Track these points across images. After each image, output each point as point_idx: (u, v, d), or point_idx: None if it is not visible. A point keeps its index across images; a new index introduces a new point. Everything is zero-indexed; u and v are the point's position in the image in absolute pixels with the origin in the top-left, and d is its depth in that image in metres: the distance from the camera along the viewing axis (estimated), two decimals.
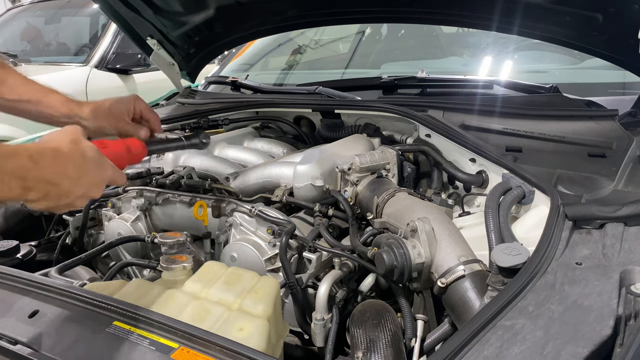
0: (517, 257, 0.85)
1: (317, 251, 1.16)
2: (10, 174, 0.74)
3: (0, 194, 0.73)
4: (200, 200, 1.34)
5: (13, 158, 0.74)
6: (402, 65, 2.59)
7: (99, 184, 0.88)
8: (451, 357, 0.67)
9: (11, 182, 0.74)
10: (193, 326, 0.76)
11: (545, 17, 1.53)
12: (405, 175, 1.39)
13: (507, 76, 2.02)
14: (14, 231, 1.62)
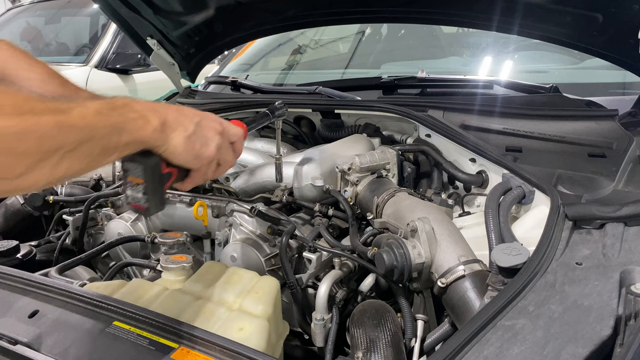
0: (517, 257, 0.85)
1: (317, 251, 1.16)
2: (145, 108, 0.76)
3: (143, 129, 0.75)
4: (200, 200, 1.34)
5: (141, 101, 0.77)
6: (402, 65, 2.59)
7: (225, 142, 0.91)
8: (451, 357, 0.67)
9: (149, 115, 0.76)
10: (193, 326, 0.76)
11: (545, 17, 1.53)
12: (405, 175, 1.39)
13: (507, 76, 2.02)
14: (14, 231, 1.62)
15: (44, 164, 0.61)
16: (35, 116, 0.60)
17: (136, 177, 0.82)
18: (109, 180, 1.70)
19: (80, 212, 1.52)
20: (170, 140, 0.81)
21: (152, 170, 0.83)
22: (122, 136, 0.72)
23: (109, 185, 1.68)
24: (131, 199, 0.85)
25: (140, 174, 0.82)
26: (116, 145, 0.72)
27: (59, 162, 0.63)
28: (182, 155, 0.83)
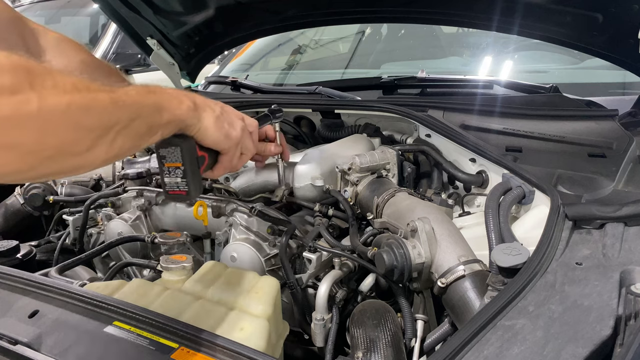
0: (517, 257, 0.85)
1: (317, 251, 1.16)
2: (175, 91, 0.80)
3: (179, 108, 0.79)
4: (200, 200, 1.34)
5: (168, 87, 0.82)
6: (402, 65, 2.59)
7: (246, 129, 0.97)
8: (451, 357, 0.67)
9: (181, 97, 0.80)
10: (193, 326, 0.76)
11: (545, 17, 1.53)
12: (405, 175, 1.39)
13: (507, 76, 2.02)
14: (14, 231, 1.62)
15: (103, 141, 0.63)
16: (92, 93, 0.62)
17: (174, 162, 0.84)
18: (109, 180, 1.70)
19: (80, 212, 1.52)
20: (202, 119, 0.84)
21: (190, 152, 0.85)
22: (163, 115, 0.75)
23: (109, 185, 1.68)
24: (170, 186, 0.86)
25: (178, 158, 0.84)
26: (159, 123, 0.75)
27: (114, 139, 0.65)
28: (214, 134, 0.87)
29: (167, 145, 0.84)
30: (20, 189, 1.63)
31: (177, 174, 0.85)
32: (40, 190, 1.60)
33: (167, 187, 0.87)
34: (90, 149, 0.62)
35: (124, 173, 1.51)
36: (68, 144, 0.59)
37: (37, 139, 0.53)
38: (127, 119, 0.67)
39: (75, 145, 0.60)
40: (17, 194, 1.63)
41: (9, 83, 0.50)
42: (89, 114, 0.61)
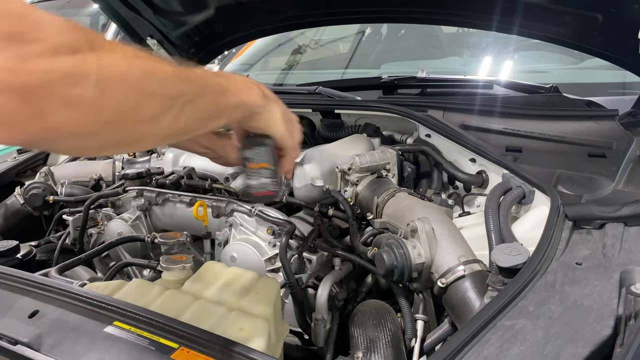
0: (517, 257, 0.85)
1: (317, 251, 1.16)
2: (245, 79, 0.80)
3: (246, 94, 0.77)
4: (200, 200, 1.34)
5: None
6: (402, 65, 2.60)
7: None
8: (451, 357, 0.67)
9: (249, 84, 0.79)
10: (193, 326, 0.76)
11: (545, 17, 1.53)
12: (405, 175, 1.39)
13: (507, 76, 2.02)
14: (14, 231, 1.62)
15: (168, 112, 0.62)
16: (154, 62, 0.62)
17: (260, 162, 0.83)
18: (109, 180, 1.70)
19: (80, 212, 1.52)
20: (272, 110, 0.83)
21: (273, 151, 0.85)
22: (229, 97, 0.74)
23: (109, 185, 1.68)
24: (256, 187, 0.84)
25: (264, 157, 0.83)
26: (225, 105, 0.74)
27: (180, 112, 0.64)
28: (282, 129, 0.85)
29: (253, 145, 0.83)
30: (20, 189, 1.63)
31: (264, 175, 0.84)
32: (40, 190, 1.60)
33: (253, 190, 0.85)
34: (153, 118, 0.61)
35: (124, 173, 1.51)
36: (129, 108, 0.58)
37: (96, 98, 0.53)
38: (192, 92, 0.66)
39: (137, 112, 0.59)
40: (17, 194, 1.63)
41: (68, 42, 0.51)
42: (150, 79, 0.60)
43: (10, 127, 0.49)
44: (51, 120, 0.50)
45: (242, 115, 0.79)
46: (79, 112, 0.52)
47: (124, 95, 0.56)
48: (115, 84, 0.55)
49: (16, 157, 1.81)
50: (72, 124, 0.52)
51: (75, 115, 0.52)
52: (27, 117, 0.48)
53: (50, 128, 0.51)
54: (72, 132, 0.53)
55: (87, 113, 0.53)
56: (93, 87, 0.52)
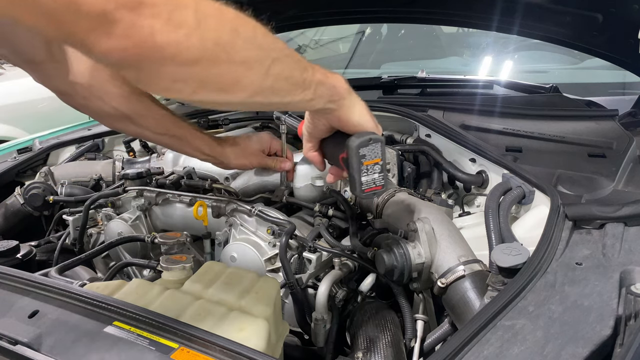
0: (517, 257, 0.85)
1: (317, 251, 1.16)
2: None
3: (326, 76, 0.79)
4: (200, 200, 1.34)
5: None
6: (402, 65, 2.60)
7: None
8: (451, 357, 0.67)
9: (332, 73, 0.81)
10: (193, 326, 0.76)
11: (545, 17, 1.53)
12: (405, 175, 1.39)
13: (507, 76, 2.02)
14: (14, 231, 1.62)
15: (259, 63, 0.65)
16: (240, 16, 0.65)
17: (373, 159, 0.87)
18: (109, 180, 1.70)
19: (80, 212, 1.52)
20: (356, 99, 0.85)
21: (384, 146, 0.88)
22: (314, 72, 0.76)
23: (109, 185, 1.68)
24: (367, 184, 0.88)
25: (377, 153, 0.87)
26: (311, 79, 0.75)
27: (270, 67, 0.67)
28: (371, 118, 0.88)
29: (368, 143, 0.86)
30: (20, 189, 1.63)
31: (375, 170, 0.87)
32: (40, 190, 1.60)
33: (364, 186, 0.88)
34: (246, 62, 0.64)
35: (124, 173, 1.51)
36: (225, 43, 0.61)
37: (197, 24, 0.57)
38: (280, 50, 0.68)
39: (232, 50, 0.62)
40: (17, 194, 1.63)
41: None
42: (243, 22, 0.64)
43: (126, 38, 0.53)
44: (159, 37, 0.55)
45: (329, 97, 0.80)
46: (183, 35, 0.56)
47: (220, 28, 0.61)
48: (211, 17, 0.59)
49: (16, 157, 1.81)
50: (177, 45, 0.56)
51: (180, 37, 0.56)
52: (140, 30, 0.53)
53: (159, 45, 0.55)
54: (176, 55, 0.57)
55: (189, 37, 0.57)
56: (193, 14, 0.57)
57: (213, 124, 1.88)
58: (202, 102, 0.67)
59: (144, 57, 0.56)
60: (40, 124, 2.85)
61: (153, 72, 0.59)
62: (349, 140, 0.87)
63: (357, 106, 0.86)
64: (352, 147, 0.86)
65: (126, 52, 0.55)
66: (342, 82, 0.82)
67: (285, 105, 0.76)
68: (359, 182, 0.88)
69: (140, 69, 0.58)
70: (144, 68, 0.58)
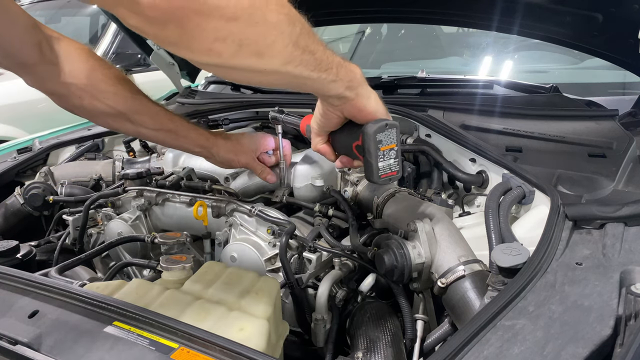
0: (517, 257, 0.85)
1: (317, 251, 1.16)
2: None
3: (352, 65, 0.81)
4: (200, 201, 1.34)
5: None
6: (402, 65, 2.60)
7: None
8: (451, 357, 0.67)
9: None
10: (193, 326, 0.76)
11: (545, 17, 1.53)
12: (405, 175, 1.39)
13: (507, 76, 2.02)
14: (14, 231, 1.62)
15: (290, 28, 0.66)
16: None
17: (389, 144, 0.88)
18: (109, 180, 1.70)
19: (80, 212, 1.52)
20: (369, 88, 0.86)
21: (399, 131, 0.89)
22: (334, 56, 0.77)
23: (109, 185, 1.68)
24: (383, 170, 0.89)
25: (393, 139, 0.88)
26: (332, 59, 0.76)
27: (300, 35, 0.68)
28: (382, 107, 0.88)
29: (384, 128, 0.87)
30: (20, 189, 1.63)
31: (391, 156, 0.88)
32: (40, 190, 1.60)
33: (381, 172, 0.89)
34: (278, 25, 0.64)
35: (124, 173, 1.51)
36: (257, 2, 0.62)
37: None
38: (304, 23, 0.69)
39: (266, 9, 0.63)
40: (17, 194, 1.63)
41: None
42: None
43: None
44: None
45: (348, 82, 0.81)
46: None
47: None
48: None
49: (16, 157, 1.81)
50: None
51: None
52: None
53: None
54: (217, 7, 0.58)
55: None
56: None
57: (213, 124, 1.88)
58: (239, 68, 0.67)
59: (190, 10, 0.56)
60: (40, 124, 2.84)
61: (196, 29, 0.58)
62: (366, 127, 0.87)
63: (373, 95, 0.87)
64: (369, 132, 0.87)
65: (172, 4, 0.55)
66: (358, 70, 0.83)
67: (312, 82, 0.76)
68: (376, 167, 0.89)
69: (184, 25, 0.58)
70: (187, 24, 0.58)
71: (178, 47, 0.63)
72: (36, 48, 0.98)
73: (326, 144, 1.00)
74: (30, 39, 0.97)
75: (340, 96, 0.84)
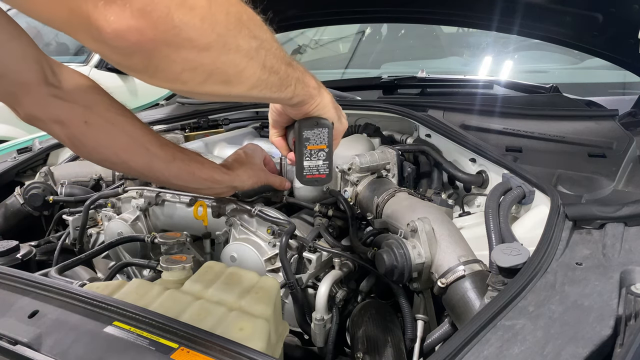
0: (517, 257, 0.85)
1: (317, 251, 1.16)
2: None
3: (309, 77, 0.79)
4: (200, 201, 1.34)
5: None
6: (402, 65, 2.60)
7: None
8: (451, 357, 0.67)
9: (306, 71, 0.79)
10: (193, 326, 0.76)
11: (545, 17, 1.53)
12: (405, 175, 1.39)
13: (507, 76, 2.02)
14: (14, 231, 1.62)
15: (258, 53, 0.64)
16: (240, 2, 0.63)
17: (318, 144, 0.85)
18: (109, 180, 1.70)
19: (80, 212, 1.52)
20: (324, 95, 0.84)
21: (331, 133, 0.85)
22: (294, 68, 0.74)
23: (109, 185, 1.68)
24: (309, 170, 0.86)
25: (324, 139, 0.85)
26: (292, 75, 0.74)
27: (265, 58, 0.65)
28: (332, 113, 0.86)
29: (313, 126, 0.84)
30: (20, 189, 1.63)
31: (320, 157, 0.85)
32: (40, 190, 1.60)
33: (306, 171, 0.86)
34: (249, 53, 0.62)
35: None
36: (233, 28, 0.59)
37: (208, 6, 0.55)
38: (270, 40, 0.67)
39: (239, 35, 0.60)
40: (17, 194, 1.63)
41: None
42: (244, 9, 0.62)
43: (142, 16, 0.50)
44: (175, 17, 0.51)
45: (303, 96, 0.79)
46: (197, 17, 0.54)
47: (228, 13, 0.58)
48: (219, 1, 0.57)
49: (16, 157, 1.81)
50: (190, 28, 0.53)
51: (194, 20, 0.54)
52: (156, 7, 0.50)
53: (175, 26, 0.52)
54: (190, 39, 0.54)
55: (203, 19, 0.55)
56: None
57: (213, 124, 1.88)
58: (204, 94, 0.65)
59: (160, 42, 0.53)
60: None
61: (164, 60, 0.55)
62: (296, 123, 0.86)
63: (324, 99, 0.85)
64: (296, 128, 0.85)
65: (142, 35, 0.51)
66: (313, 82, 0.81)
67: (270, 100, 0.75)
68: (300, 166, 0.86)
69: (152, 56, 0.54)
70: (156, 55, 0.54)
71: (141, 74, 0.58)
72: (38, 65, 0.87)
73: (281, 137, 0.98)
74: (32, 54, 0.86)
75: (292, 105, 0.83)
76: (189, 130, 1.85)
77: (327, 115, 0.85)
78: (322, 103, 0.84)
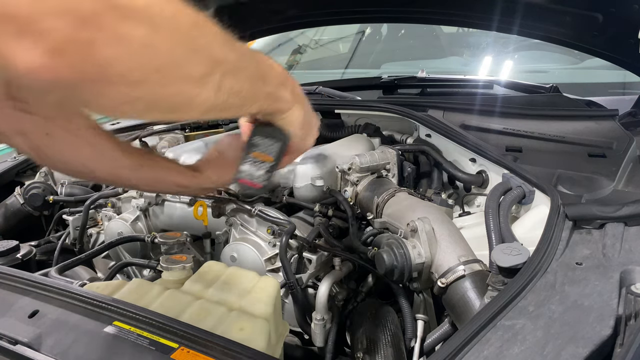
0: (517, 257, 0.85)
1: (317, 251, 1.16)
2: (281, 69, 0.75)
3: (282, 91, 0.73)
4: (200, 200, 1.34)
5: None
6: (402, 65, 2.60)
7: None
8: (451, 357, 0.67)
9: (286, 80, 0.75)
10: (193, 326, 0.76)
11: (545, 17, 1.53)
12: (405, 175, 1.39)
13: (507, 76, 2.02)
14: (14, 231, 1.62)
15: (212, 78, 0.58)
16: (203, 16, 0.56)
17: (265, 154, 0.79)
18: None
19: (80, 212, 1.52)
20: (294, 112, 0.78)
21: (283, 149, 0.79)
22: (266, 85, 0.70)
23: (109, 185, 1.68)
24: (245, 174, 0.79)
25: (273, 152, 0.79)
26: (260, 92, 0.69)
27: (222, 82, 0.59)
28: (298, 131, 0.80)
29: (267, 135, 0.79)
30: (20, 189, 1.63)
31: (261, 167, 0.79)
32: (40, 190, 1.60)
33: (240, 174, 0.79)
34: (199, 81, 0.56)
35: None
36: (176, 59, 0.53)
37: (146, 37, 0.49)
38: (234, 62, 0.61)
39: (184, 65, 0.54)
40: (17, 194, 1.63)
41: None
42: (199, 32, 0.56)
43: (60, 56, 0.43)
44: (101, 53, 0.45)
45: (270, 109, 0.74)
46: (128, 51, 0.48)
47: (173, 41, 0.52)
48: (164, 30, 0.51)
49: (16, 157, 1.81)
50: (121, 63, 0.48)
51: (125, 53, 0.48)
52: (77, 44, 0.44)
53: (99, 63, 0.46)
54: (120, 74, 0.48)
55: (136, 54, 0.49)
56: (142, 24, 0.48)
57: (213, 123, 1.87)
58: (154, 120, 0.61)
59: (81, 80, 0.47)
60: None
61: (94, 94, 0.49)
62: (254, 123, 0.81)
63: (292, 117, 0.79)
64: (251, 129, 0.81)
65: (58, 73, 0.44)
66: (288, 95, 0.75)
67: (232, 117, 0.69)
68: (237, 167, 0.80)
69: (77, 91, 0.48)
70: (82, 91, 0.48)
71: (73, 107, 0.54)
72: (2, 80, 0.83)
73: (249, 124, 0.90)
74: None
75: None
76: (189, 130, 1.84)
77: (289, 129, 0.79)
78: (290, 118, 0.78)
